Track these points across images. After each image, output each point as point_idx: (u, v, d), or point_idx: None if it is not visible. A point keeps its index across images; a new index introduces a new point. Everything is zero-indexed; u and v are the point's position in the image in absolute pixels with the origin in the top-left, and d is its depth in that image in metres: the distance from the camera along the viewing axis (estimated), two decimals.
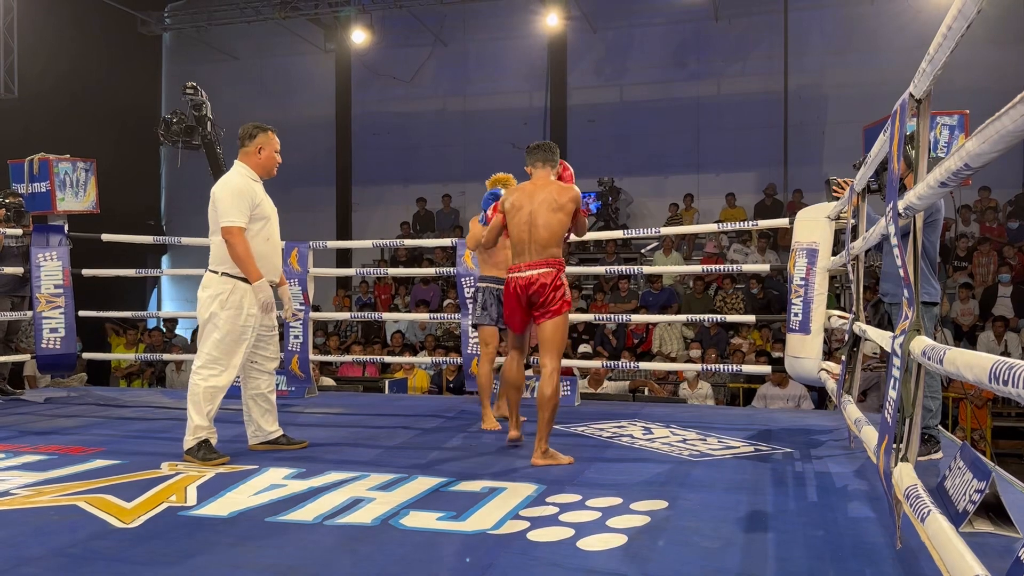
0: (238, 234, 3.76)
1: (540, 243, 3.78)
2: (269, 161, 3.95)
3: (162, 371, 9.39)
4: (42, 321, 6.10)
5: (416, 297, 11.50)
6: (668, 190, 13.19)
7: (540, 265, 3.78)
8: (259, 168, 3.95)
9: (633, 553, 2.47)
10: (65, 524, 2.79)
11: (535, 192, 3.84)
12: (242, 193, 3.81)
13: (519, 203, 3.85)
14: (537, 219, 3.78)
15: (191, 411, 3.77)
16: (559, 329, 3.78)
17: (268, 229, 3.93)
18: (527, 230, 3.80)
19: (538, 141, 4.02)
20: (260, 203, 3.88)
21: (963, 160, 1.38)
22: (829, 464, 3.74)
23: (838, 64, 12.66)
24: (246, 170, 3.93)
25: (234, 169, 3.95)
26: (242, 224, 3.78)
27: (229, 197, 3.80)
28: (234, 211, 3.77)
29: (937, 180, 1.59)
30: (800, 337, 4.88)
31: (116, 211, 7.19)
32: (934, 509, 1.65)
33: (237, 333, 3.79)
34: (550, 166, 3.92)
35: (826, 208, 4.83)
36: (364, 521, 2.81)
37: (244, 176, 3.91)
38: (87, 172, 6.51)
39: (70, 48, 12.37)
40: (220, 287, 3.80)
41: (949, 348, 1.59)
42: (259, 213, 3.86)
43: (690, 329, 9.79)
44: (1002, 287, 9.66)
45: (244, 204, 3.79)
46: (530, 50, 13.99)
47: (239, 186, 3.84)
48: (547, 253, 3.78)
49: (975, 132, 1.32)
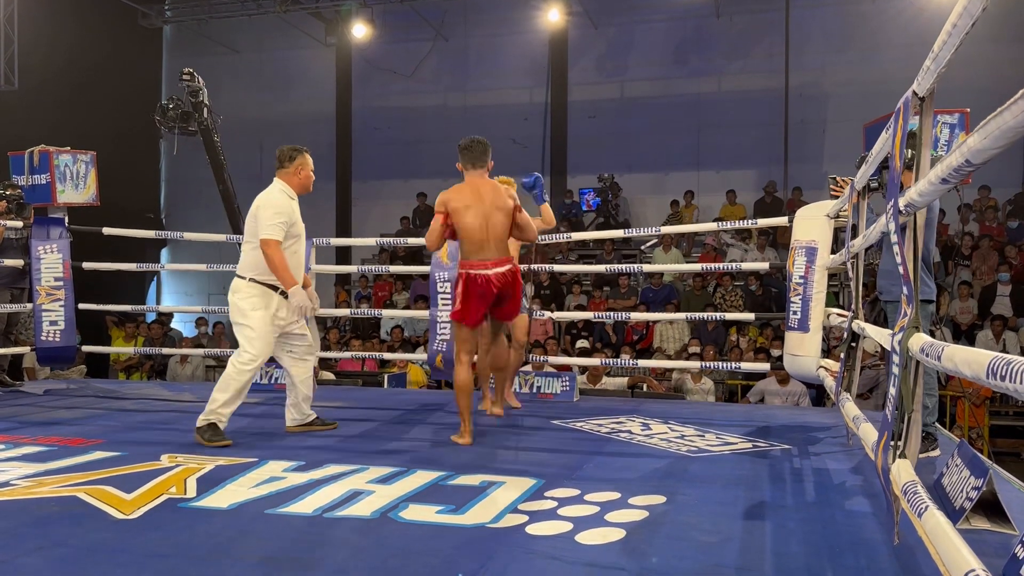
0: (275, 247, 4.08)
1: (498, 239, 3.99)
2: (307, 180, 4.32)
3: (161, 364, 9.40)
4: (42, 314, 6.10)
5: (416, 292, 11.51)
6: (668, 187, 13.20)
7: (505, 262, 4.01)
8: (298, 187, 4.29)
9: (631, 547, 2.48)
10: (65, 515, 2.79)
11: (481, 191, 4.01)
12: (283, 210, 4.15)
13: (467, 202, 3.97)
14: (492, 217, 3.97)
15: (216, 393, 4.08)
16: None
17: (297, 245, 4.28)
18: (484, 227, 3.96)
19: (469, 139, 4.11)
20: (296, 221, 4.23)
21: (964, 156, 1.39)
22: (827, 461, 3.75)
23: (839, 62, 12.67)
24: (286, 188, 4.25)
25: (275, 186, 4.26)
26: (279, 238, 4.10)
27: (272, 212, 4.11)
28: (275, 225, 4.10)
29: (938, 176, 1.60)
30: (799, 335, 4.89)
31: (115, 204, 7.19)
32: (931, 505, 1.66)
33: (268, 332, 4.17)
34: (481, 166, 4.07)
35: (825, 206, 4.85)
36: (363, 514, 2.82)
37: (284, 194, 4.24)
38: (87, 165, 6.50)
39: (70, 40, 12.35)
40: (250, 291, 4.17)
41: (947, 344, 1.60)
42: (294, 231, 4.22)
43: (689, 325, 9.80)
44: (1001, 286, 9.68)
45: (284, 220, 4.13)
46: (531, 46, 13.99)
47: (281, 204, 4.16)
48: (504, 248, 4.03)
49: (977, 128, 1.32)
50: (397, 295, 11.83)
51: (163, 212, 15.52)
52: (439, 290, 5.92)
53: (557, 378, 5.72)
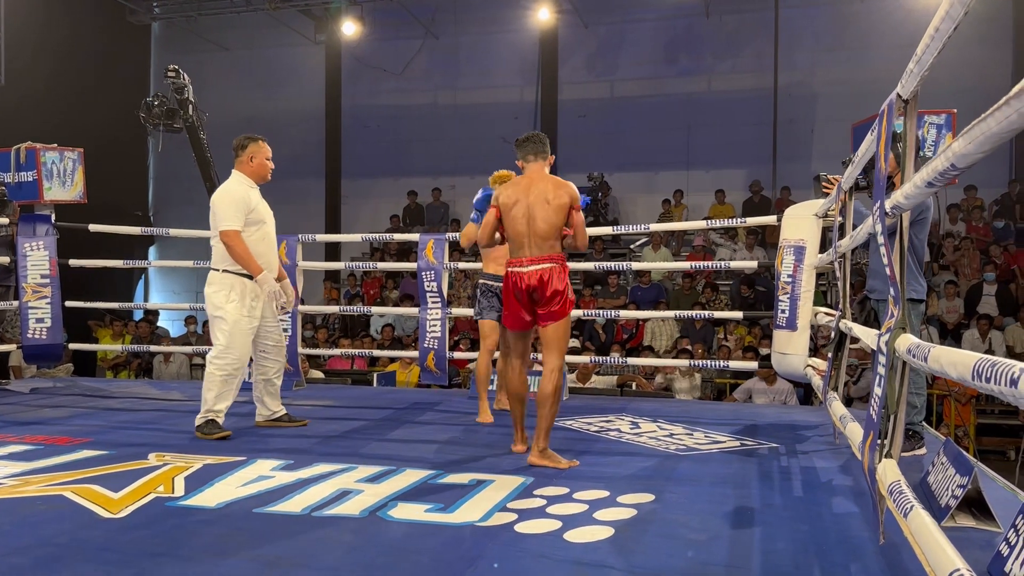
0: (235, 236, 4.14)
1: (539, 236, 3.63)
2: (262, 168, 4.33)
3: (149, 362, 9.35)
4: (28, 311, 6.06)
5: (405, 290, 11.49)
6: (658, 186, 13.23)
7: (543, 260, 3.62)
8: (253, 175, 4.32)
9: (620, 545, 2.49)
10: (52, 514, 2.78)
11: (531, 185, 3.71)
12: (237, 199, 4.18)
13: (514, 197, 3.71)
14: (535, 212, 3.64)
15: (205, 394, 4.15)
16: (561, 329, 3.67)
17: (264, 230, 4.29)
18: (525, 223, 3.65)
19: (527, 133, 3.88)
20: (255, 207, 4.24)
21: (949, 160, 1.40)
22: (814, 459, 3.77)
23: (828, 62, 12.72)
24: (242, 178, 4.31)
25: (232, 177, 4.32)
26: (238, 227, 4.15)
27: (225, 204, 4.17)
28: (230, 216, 4.14)
29: (924, 180, 1.61)
30: (787, 333, 4.91)
31: (103, 201, 7.16)
32: (916, 505, 1.67)
33: (243, 323, 4.19)
34: (542, 158, 3.79)
35: (814, 206, 4.87)
36: (352, 513, 2.82)
37: (240, 183, 4.28)
38: (74, 162, 6.46)
39: (58, 37, 12.28)
40: (223, 283, 4.20)
41: (933, 346, 1.61)
42: (254, 217, 4.22)
43: (678, 323, 9.84)
44: (987, 286, 9.75)
45: (239, 209, 4.16)
46: (521, 44, 13.99)
47: (234, 193, 4.21)
48: (547, 247, 3.63)
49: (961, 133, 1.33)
50: (387, 293, 11.81)
51: (151, 209, 15.43)
52: (427, 289, 5.92)
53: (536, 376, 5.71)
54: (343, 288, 12.22)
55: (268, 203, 4.43)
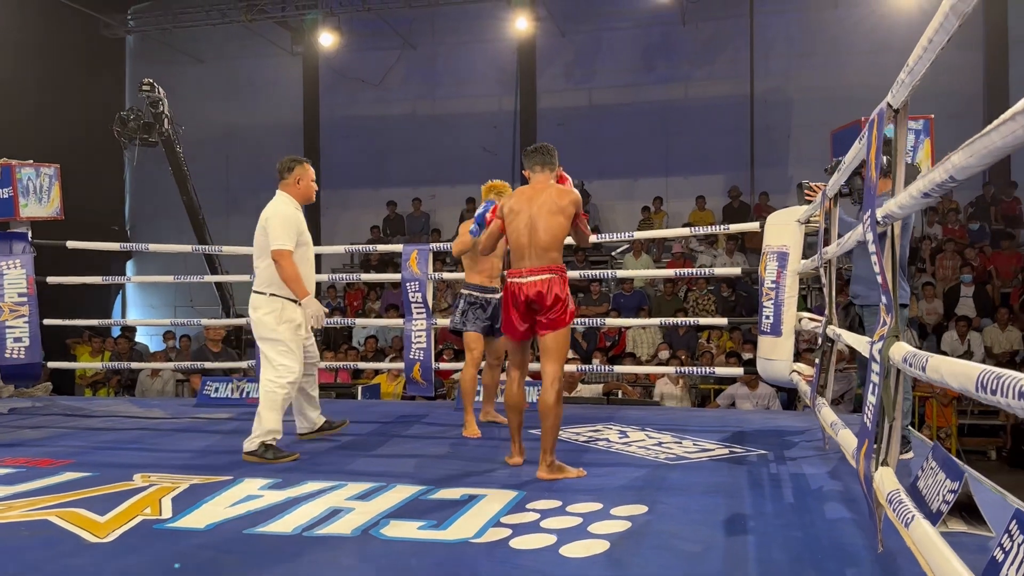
0: (288, 256, 4.15)
1: (540, 247, 3.64)
2: (308, 190, 4.39)
3: (129, 379, 9.23)
4: (5, 331, 5.96)
5: (387, 302, 11.44)
6: (637, 193, 13.29)
7: (542, 271, 3.64)
8: (299, 196, 4.36)
9: (616, 559, 2.48)
10: (37, 540, 2.73)
11: (534, 196, 3.72)
12: (290, 220, 4.22)
13: (518, 207, 3.72)
14: (537, 223, 3.64)
15: (266, 415, 4.06)
16: (561, 338, 3.68)
17: (307, 252, 4.36)
18: (527, 234, 3.66)
19: (536, 144, 3.89)
20: (303, 231, 4.31)
21: (948, 173, 1.40)
22: (803, 465, 3.78)
23: (803, 68, 12.86)
24: (289, 199, 4.32)
25: (278, 198, 4.32)
26: (291, 247, 4.17)
27: (280, 224, 4.18)
28: (284, 236, 4.16)
29: (920, 191, 1.62)
30: (771, 339, 4.93)
31: (79, 217, 7.05)
32: (918, 514, 1.68)
33: (296, 343, 4.21)
34: (549, 169, 3.79)
35: (796, 212, 4.90)
36: (344, 532, 2.79)
37: (289, 204, 4.30)
38: (51, 178, 6.37)
39: (31, 51, 12.15)
40: (272, 306, 4.20)
41: (931, 355, 1.62)
42: (302, 240, 4.29)
43: (661, 330, 9.86)
44: (964, 287, 9.86)
45: (292, 230, 4.20)
46: (499, 54, 14.02)
47: (287, 214, 4.23)
48: (548, 258, 3.64)
49: (963, 146, 1.34)
50: (370, 304, 11.75)
51: (128, 224, 15.28)
52: (411, 299, 5.89)
53: (532, 386, 5.70)
54: (324, 300, 12.15)
55: (247, 215, 4.45)
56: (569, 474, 3.56)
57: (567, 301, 3.66)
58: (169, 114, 10.48)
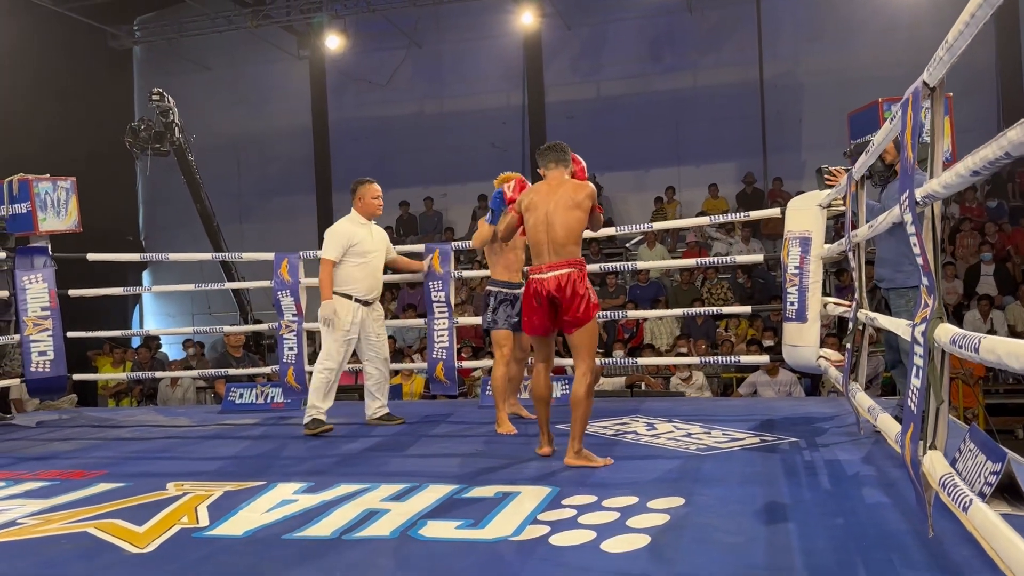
0: (325, 264, 4.86)
1: (558, 243, 3.70)
2: (369, 206, 4.98)
3: (151, 388, 9.28)
4: (30, 344, 6.00)
5: (403, 301, 11.46)
6: (649, 184, 13.25)
7: (560, 266, 3.69)
8: (364, 212, 4.98)
9: (659, 554, 2.46)
10: (79, 552, 2.73)
11: (550, 192, 3.77)
12: (338, 234, 4.88)
13: (535, 203, 3.78)
14: (554, 219, 3.71)
15: (311, 394, 4.87)
16: (589, 333, 3.73)
17: (365, 261, 4.92)
18: (544, 230, 3.73)
19: (549, 143, 3.96)
20: (358, 242, 4.87)
21: (1004, 149, 1.38)
22: (837, 452, 3.75)
23: (811, 51, 12.77)
24: (354, 216, 4.98)
25: (347, 216, 5.00)
26: (330, 258, 4.84)
27: (328, 238, 4.91)
28: (327, 248, 4.88)
29: (969, 168, 1.59)
30: (797, 326, 4.90)
31: (94, 228, 7.06)
32: (976, 498, 1.65)
33: (341, 336, 4.86)
34: (563, 166, 3.86)
35: (817, 196, 4.86)
36: (383, 534, 2.78)
37: (350, 221, 4.95)
38: (67, 191, 6.39)
39: (39, 65, 12.20)
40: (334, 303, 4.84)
41: (985, 336, 1.59)
42: (356, 250, 4.87)
43: (679, 320, 9.83)
44: (984, 266, 9.78)
45: (338, 243, 4.84)
46: (505, 49, 13.99)
47: (339, 230, 4.91)
48: (565, 253, 3.70)
49: (1020, 122, 1.32)
50: (386, 305, 11.76)
51: (143, 234, 15.35)
52: (433, 299, 5.88)
53: (556, 381, 5.68)
54: None
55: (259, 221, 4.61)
56: (596, 462, 3.61)
57: (588, 295, 3.70)
58: (179, 123, 10.51)
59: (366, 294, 4.95)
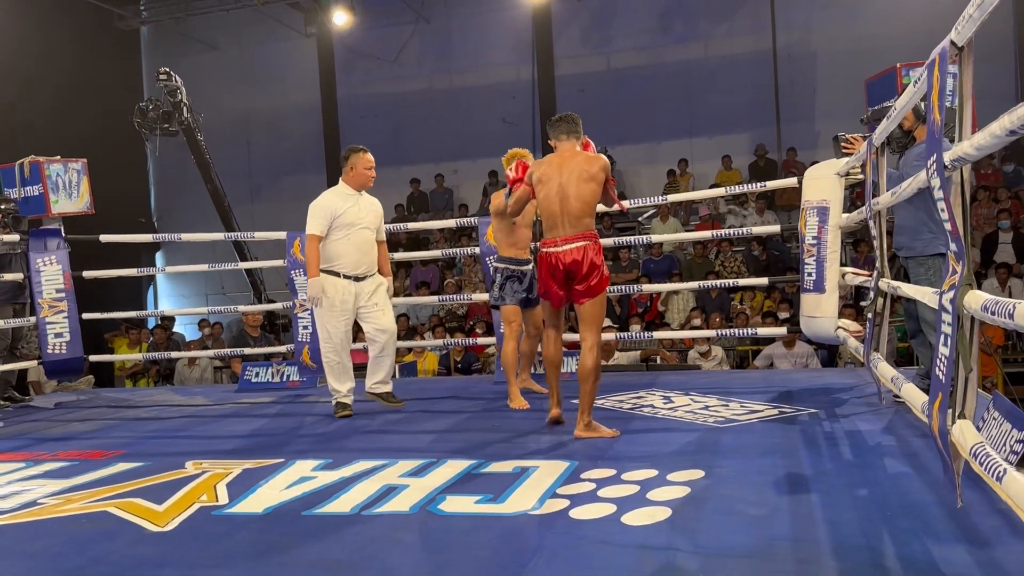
0: (309, 240, 4.61)
1: (573, 215, 3.69)
2: (361, 176, 4.75)
3: (168, 369, 9.33)
4: (46, 327, 6.02)
5: (416, 279, 11.45)
6: (661, 156, 13.12)
7: (576, 239, 3.69)
8: (353, 183, 4.75)
9: (680, 526, 2.44)
10: (100, 531, 2.74)
11: (563, 164, 3.74)
12: (320, 207, 4.64)
13: (547, 175, 3.75)
14: (568, 190, 3.69)
15: (328, 379, 4.76)
16: (598, 306, 3.76)
17: (351, 234, 4.64)
18: (558, 202, 3.71)
19: (560, 114, 3.92)
20: (342, 214, 4.62)
21: None
22: (857, 422, 3.71)
23: (825, 19, 12.56)
24: (341, 187, 4.75)
25: (334, 187, 4.78)
26: (315, 232, 4.59)
27: (311, 211, 4.65)
28: (311, 222, 4.62)
29: (1005, 128, 1.54)
30: (815, 296, 4.84)
31: (106, 210, 7.03)
32: (1010, 468, 1.62)
33: (334, 316, 4.63)
34: (575, 137, 3.82)
35: (835, 165, 4.78)
36: (402, 509, 2.78)
37: (334, 192, 4.73)
38: (79, 173, 6.38)
39: (46, 48, 12.16)
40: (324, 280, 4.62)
41: (1020, 301, 1.55)
42: (340, 222, 4.62)
43: (694, 293, 9.77)
44: (1002, 233, 9.65)
45: (321, 216, 4.60)
46: (514, 22, 13.82)
47: (323, 202, 4.66)
48: (581, 225, 3.70)
49: None
50: (398, 282, 11.76)
51: (154, 215, 15.36)
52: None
53: (570, 356, 5.66)
54: None
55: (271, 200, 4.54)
56: (604, 433, 3.67)
57: (602, 267, 3.74)
58: (188, 102, 10.46)
59: (352, 269, 4.65)
